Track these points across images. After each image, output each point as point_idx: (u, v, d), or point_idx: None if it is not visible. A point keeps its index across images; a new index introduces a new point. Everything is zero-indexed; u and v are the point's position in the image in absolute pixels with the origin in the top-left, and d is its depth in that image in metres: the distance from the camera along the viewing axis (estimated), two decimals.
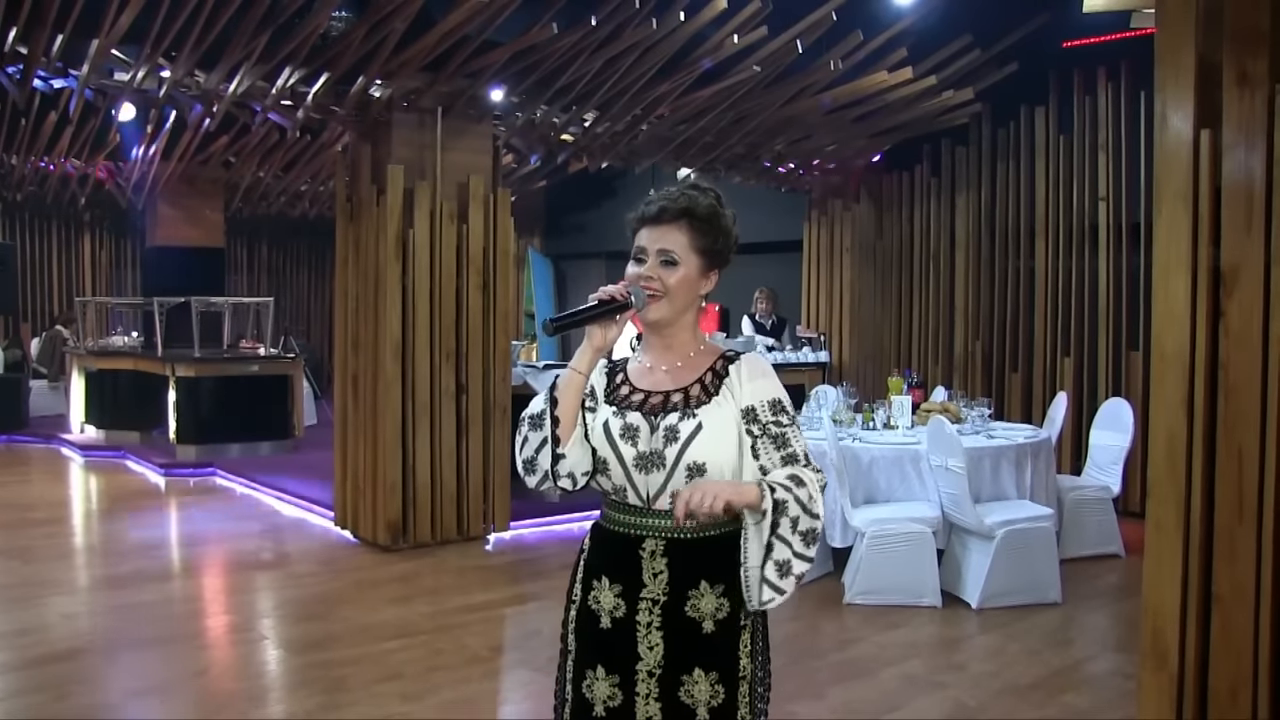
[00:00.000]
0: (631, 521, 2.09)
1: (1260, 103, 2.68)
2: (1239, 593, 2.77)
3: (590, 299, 2.10)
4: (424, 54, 6.37)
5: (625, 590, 2.08)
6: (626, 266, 2.15)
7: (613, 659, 2.07)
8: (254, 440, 10.51)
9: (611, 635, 2.08)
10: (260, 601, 6.02)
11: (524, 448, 2.12)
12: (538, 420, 2.11)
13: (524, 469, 2.13)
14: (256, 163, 11.00)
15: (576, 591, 2.17)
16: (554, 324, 2.08)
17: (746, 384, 2.08)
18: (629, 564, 2.08)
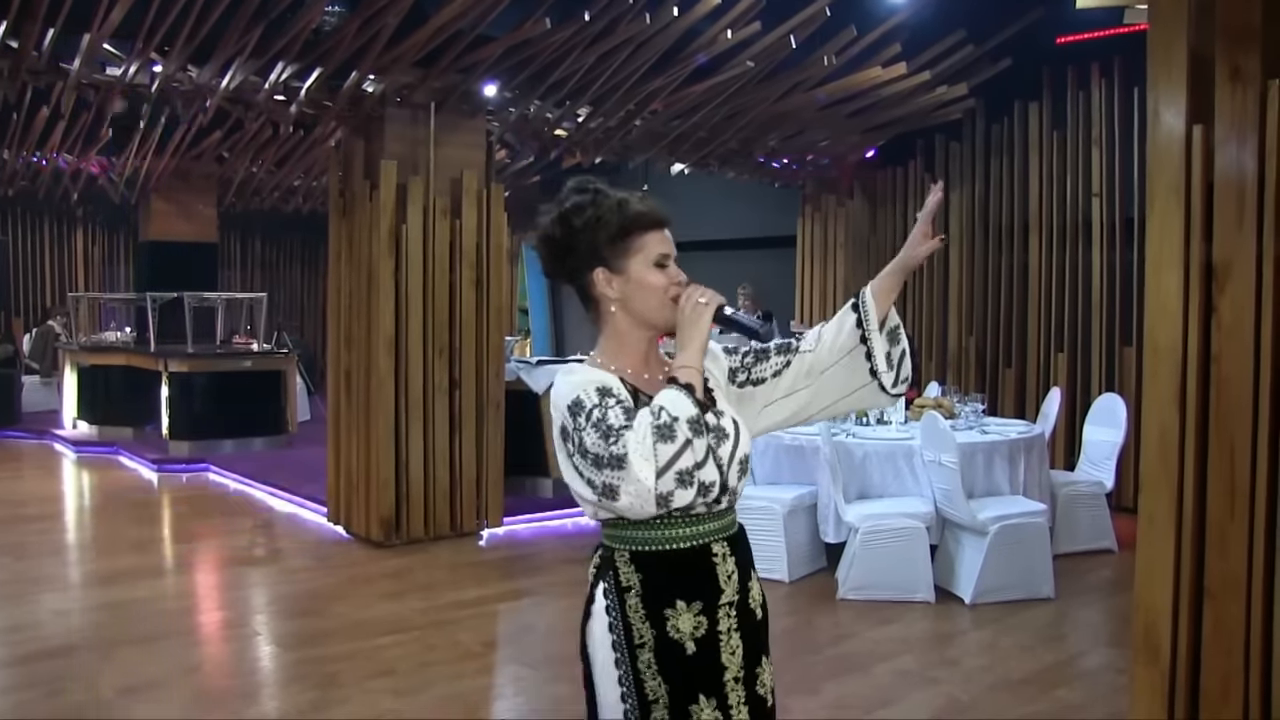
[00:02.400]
0: (699, 531, 1.97)
1: (1252, 98, 2.68)
2: (1231, 587, 2.78)
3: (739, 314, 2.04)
4: (417, 49, 6.35)
5: (705, 606, 1.95)
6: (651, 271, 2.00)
7: (708, 683, 1.95)
8: (247, 436, 10.50)
9: (699, 658, 1.95)
10: (253, 597, 6.01)
11: (683, 456, 1.79)
12: (698, 424, 1.83)
13: (679, 482, 1.79)
14: (250, 158, 10.97)
15: (643, 632, 1.94)
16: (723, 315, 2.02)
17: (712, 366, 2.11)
18: (704, 576, 1.97)
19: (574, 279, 2.05)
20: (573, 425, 1.86)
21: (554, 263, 2.06)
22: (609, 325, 2.04)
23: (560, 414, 1.90)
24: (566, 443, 1.88)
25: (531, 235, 2.12)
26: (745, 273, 11.29)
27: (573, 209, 2.00)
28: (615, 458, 1.78)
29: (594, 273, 2.00)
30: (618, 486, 1.78)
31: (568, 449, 1.88)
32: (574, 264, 2.02)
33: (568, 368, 2.00)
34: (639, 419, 1.80)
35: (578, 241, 2.00)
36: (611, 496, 1.80)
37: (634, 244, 2.00)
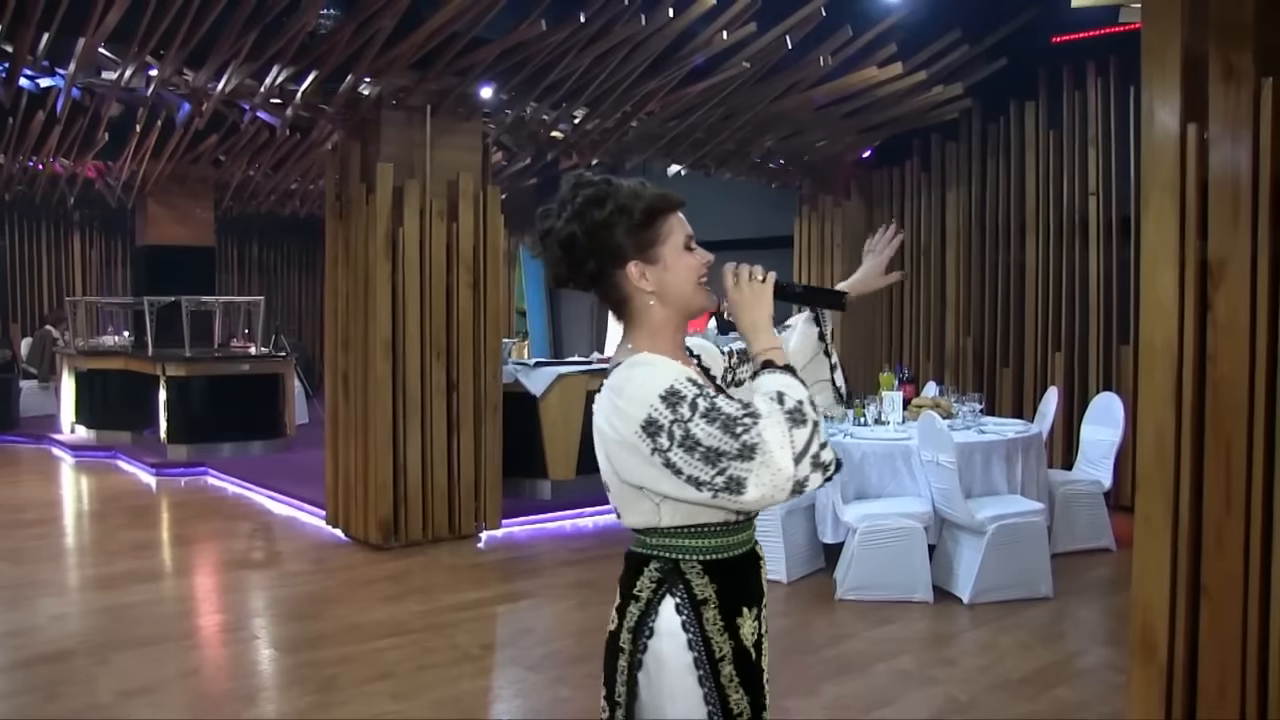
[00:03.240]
0: (748, 536, 1.92)
1: (1246, 96, 2.68)
2: (1227, 585, 2.78)
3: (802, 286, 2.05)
4: (413, 51, 6.35)
5: (757, 610, 1.92)
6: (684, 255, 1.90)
7: (761, 688, 1.92)
8: (245, 439, 10.50)
9: (758, 664, 1.91)
10: (251, 601, 6.01)
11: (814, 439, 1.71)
12: (813, 406, 1.75)
13: (813, 466, 1.70)
14: (246, 161, 10.97)
15: (722, 646, 1.84)
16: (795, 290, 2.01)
17: None
18: (756, 579, 1.94)
19: (597, 280, 1.89)
20: (672, 417, 1.70)
21: (572, 267, 1.88)
22: (644, 320, 1.90)
23: (642, 406, 1.72)
24: (657, 438, 1.70)
25: (535, 242, 1.92)
26: None
27: (590, 201, 1.84)
28: (747, 447, 1.66)
29: (626, 268, 1.86)
30: (745, 478, 1.66)
31: (658, 444, 1.70)
32: (600, 263, 1.86)
33: (637, 358, 1.82)
34: (763, 405, 1.71)
35: (602, 237, 1.84)
36: (736, 490, 1.67)
37: (661, 230, 1.88)
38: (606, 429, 1.79)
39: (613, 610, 1.92)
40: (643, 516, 1.84)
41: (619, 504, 1.87)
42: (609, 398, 1.79)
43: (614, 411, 1.77)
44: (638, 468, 1.75)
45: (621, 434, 1.75)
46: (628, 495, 1.83)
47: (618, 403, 1.76)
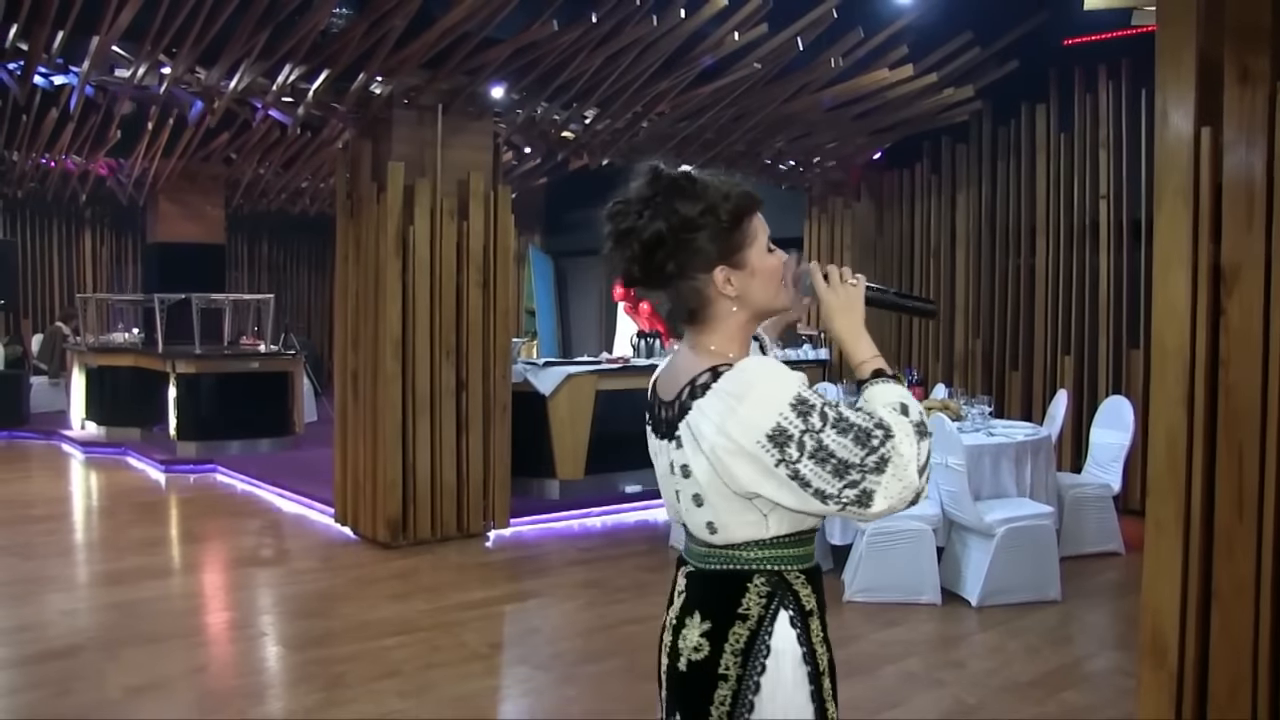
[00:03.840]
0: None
1: (1261, 100, 2.66)
2: (1238, 590, 2.77)
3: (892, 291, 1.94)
4: (424, 51, 6.36)
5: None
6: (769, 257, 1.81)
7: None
8: (254, 437, 10.53)
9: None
10: (260, 598, 6.03)
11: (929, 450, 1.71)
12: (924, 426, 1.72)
13: (927, 479, 1.70)
14: (257, 159, 11.00)
15: (823, 658, 1.79)
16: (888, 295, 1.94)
17: None
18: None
19: (674, 282, 1.76)
20: (803, 427, 1.61)
21: (650, 268, 1.75)
22: (723, 325, 1.79)
23: (770, 415, 1.62)
24: (785, 448, 1.61)
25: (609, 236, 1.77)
26: None
27: (680, 195, 1.72)
28: (882, 460, 1.62)
29: (711, 274, 1.75)
30: (875, 491, 1.62)
31: (786, 455, 1.61)
32: (681, 266, 1.74)
33: (749, 363, 1.69)
34: (890, 417, 1.67)
35: (688, 239, 1.72)
36: (865, 503, 1.63)
37: (748, 233, 1.77)
38: (717, 437, 1.66)
39: (690, 638, 1.76)
40: (748, 529, 1.73)
41: (718, 517, 1.72)
42: (725, 403, 1.65)
43: (731, 418, 1.64)
44: (756, 477, 1.65)
45: (739, 442, 1.64)
46: (734, 507, 1.71)
47: (739, 409, 1.64)
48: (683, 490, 1.76)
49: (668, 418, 1.78)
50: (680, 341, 1.85)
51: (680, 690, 1.77)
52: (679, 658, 1.77)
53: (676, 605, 1.83)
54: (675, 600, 1.84)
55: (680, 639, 1.78)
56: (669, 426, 1.77)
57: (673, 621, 1.82)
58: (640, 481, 8.46)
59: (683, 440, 1.72)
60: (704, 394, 1.69)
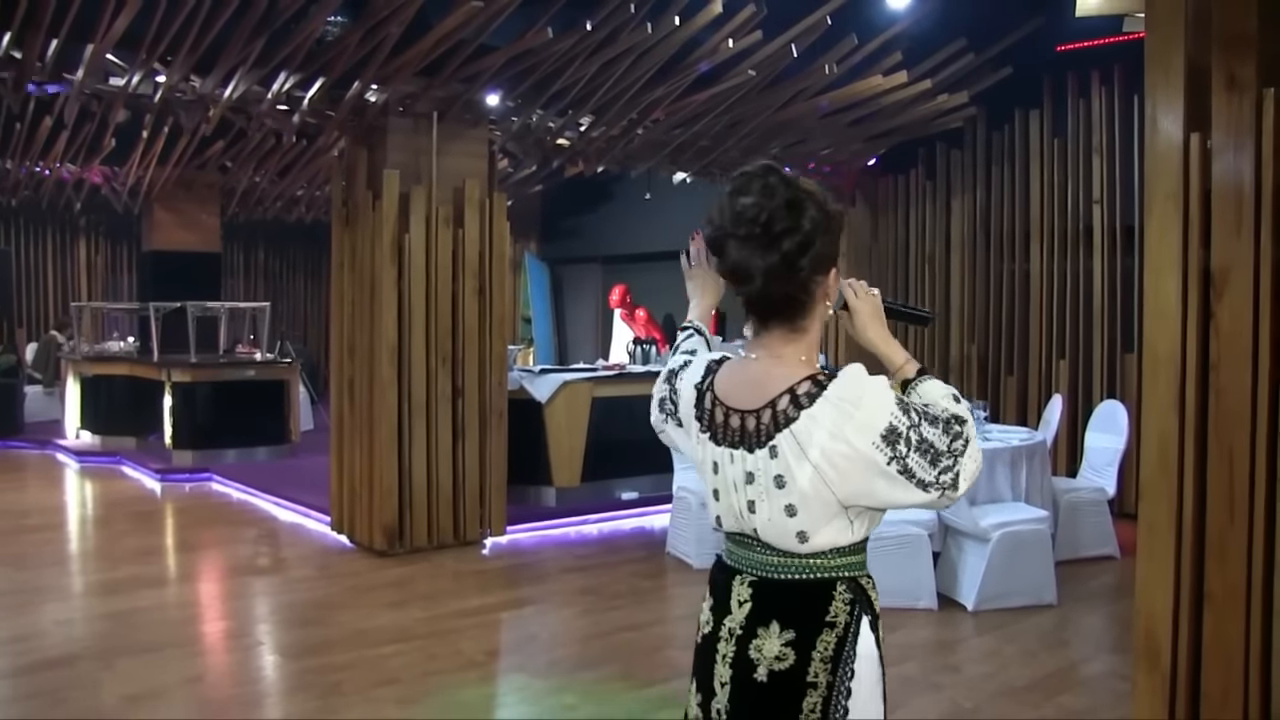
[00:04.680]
0: None
1: (1248, 106, 2.69)
2: (1230, 593, 2.78)
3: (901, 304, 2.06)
4: (419, 58, 6.37)
5: None
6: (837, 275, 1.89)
7: None
8: (250, 445, 10.53)
9: None
10: (256, 607, 6.02)
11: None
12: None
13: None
14: (253, 167, 11.01)
15: (883, 661, 1.85)
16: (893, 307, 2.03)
17: None
18: None
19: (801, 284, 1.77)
20: (908, 423, 1.70)
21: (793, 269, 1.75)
22: (813, 331, 1.83)
23: (884, 416, 1.69)
24: (896, 445, 1.69)
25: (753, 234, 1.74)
26: None
27: (813, 199, 1.76)
28: (963, 444, 1.74)
29: (829, 275, 1.81)
30: (960, 473, 1.73)
31: (897, 451, 1.69)
32: (814, 267, 1.76)
33: (852, 370, 1.74)
34: (955, 407, 1.78)
35: (827, 240, 1.77)
36: (954, 486, 1.73)
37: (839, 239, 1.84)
38: (832, 443, 1.69)
39: (769, 647, 1.77)
40: (834, 535, 1.76)
41: (813, 525, 1.75)
42: (840, 409, 1.69)
43: (848, 423, 1.69)
44: (865, 480, 1.70)
45: (855, 446, 1.69)
46: (830, 513, 1.74)
47: (855, 415, 1.69)
48: (768, 500, 1.76)
49: (754, 427, 1.77)
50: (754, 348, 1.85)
51: (757, 700, 1.78)
52: (755, 668, 1.77)
53: (739, 615, 1.82)
54: (734, 610, 1.83)
55: (753, 649, 1.78)
56: (756, 436, 1.77)
57: (735, 631, 1.81)
58: (636, 488, 8.46)
59: (781, 449, 1.73)
60: (812, 403, 1.71)
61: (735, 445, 1.80)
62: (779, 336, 1.81)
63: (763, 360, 1.82)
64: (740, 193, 1.76)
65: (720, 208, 1.79)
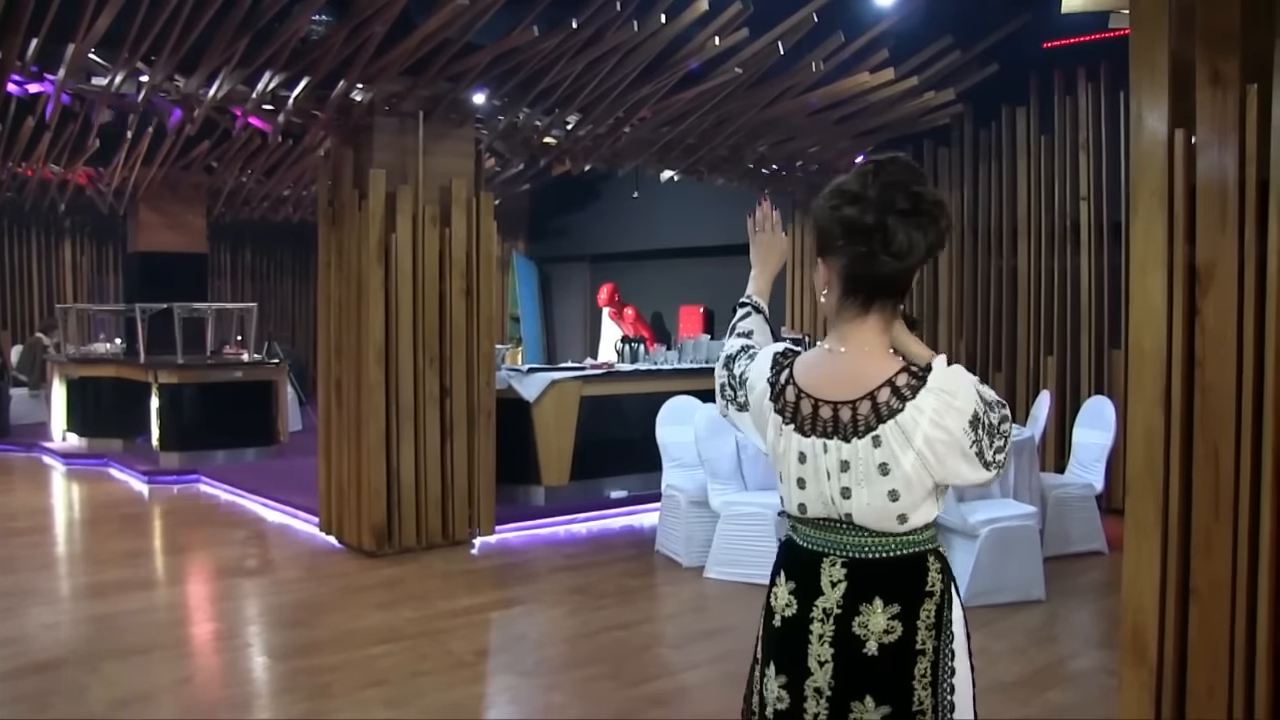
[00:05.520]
0: None
1: (1232, 102, 2.69)
2: (1216, 588, 2.79)
3: None
4: (405, 58, 6.35)
5: None
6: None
7: None
8: (238, 447, 10.49)
9: None
10: (245, 608, 6.00)
11: None
12: None
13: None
14: (238, 168, 10.97)
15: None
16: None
17: None
18: None
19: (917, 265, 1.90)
20: (984, 408, 1.87)
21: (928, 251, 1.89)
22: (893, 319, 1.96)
23: (971, 403, 1.86)
24: (977, 429, 1.86)
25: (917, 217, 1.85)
26: (736, 279, 11.30)
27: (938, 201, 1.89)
28: (1010, 426, 1.93)
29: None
30: (1006, 451, 1.91)
31: (977, 435, 1.86)
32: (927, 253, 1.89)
33: (942, 360, 1.88)
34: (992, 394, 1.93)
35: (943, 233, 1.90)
36: (1005, 465, 1.92)
37: None
38: (935, 431, 1.84)
39: (875, 622, 1.88)
40: (926, 513, 1.90)
41: (911, 507, 1.88)
42: (942, 400, 1.84)
43: (949, 412, 1.84)
44: (956, 463, 1.86)
45: (953, 433, 1.84)
46: (926, 494, 1.88)
47: (954, 403, 1.84)
48: (868, 485, 1.87)
49: (849, 418, 1.87)
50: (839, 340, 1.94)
51: (870, 674, 1.87)
52: (863, 643, 1.87)
53: (834, 595, 1.91)
54: (827, 591, 1.91)
55: (857, 626, 1.88)
56: (853, 426, 1.87)
57: (834, 610, 1.90)
58: (625, 487, 8.46)
59: (885, 438, 1.85)
60: (915, 394, 1.84)
61: (829, 435, 1.89)
62: (874, 326, 1.91)
63: (852, 354, 1.92)
64: (908, 175, 1.86)
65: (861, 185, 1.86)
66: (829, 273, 1.93)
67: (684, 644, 5.30)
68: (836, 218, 1.87)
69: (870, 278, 1.88)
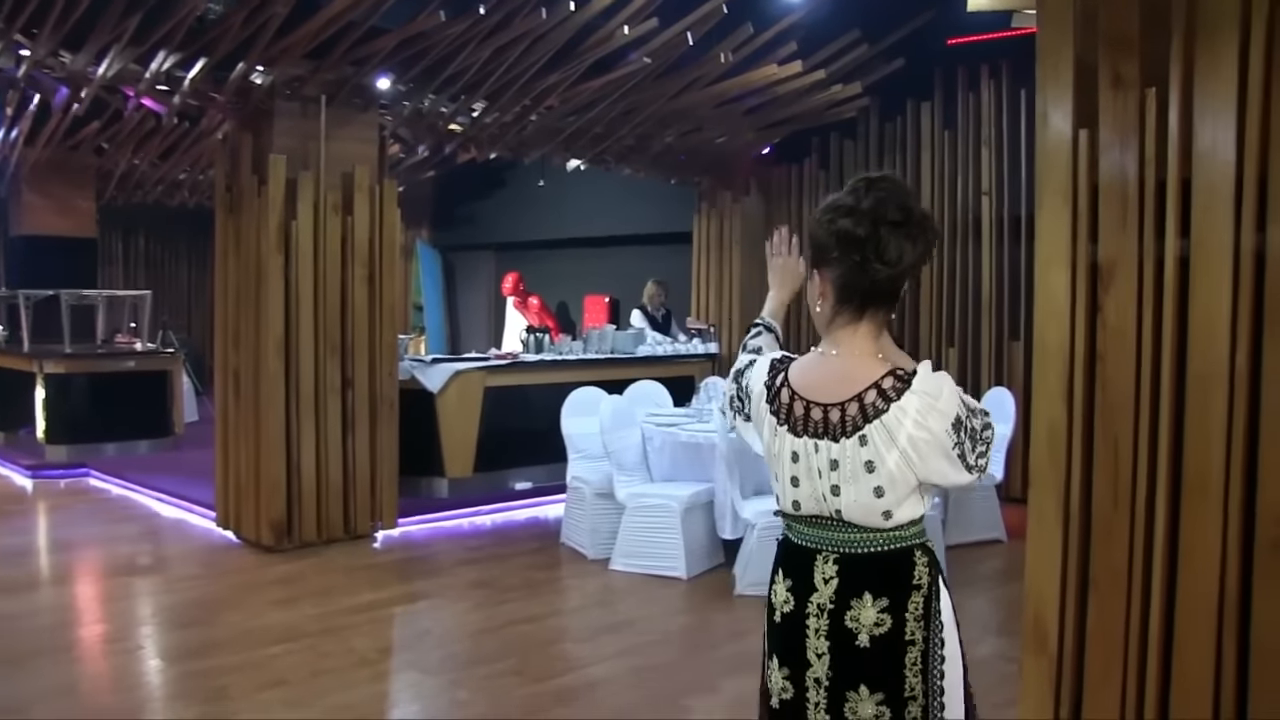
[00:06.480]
0: None
1: (1132, 104, 2.75)
2: (1114, 578, 2.86)
3: None
4: (307, 40, 6.19)
5: None
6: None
7: None
8: (130, 439, 10.15)
9: None
10: (137, 609, 5.79)
11: None
12: None
13: None
14: (131, 150, 10.58)
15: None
16: None
17: None
18: None
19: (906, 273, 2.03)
20: (967, 413, 1.98)
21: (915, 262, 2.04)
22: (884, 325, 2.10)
23: (954, 406, 1.96)
24: (959, 432, 1.96)
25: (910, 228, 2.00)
26: (641, 269, 11.30)
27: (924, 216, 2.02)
28: (991, 433, 2.05)
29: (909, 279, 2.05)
30: (988, 455, 2.03)
31: (959, 438, 1.96)
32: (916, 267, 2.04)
33: (925, 365, 2.01)
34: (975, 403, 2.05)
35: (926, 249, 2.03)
36: (986, 467, 2.04)
37: None
38: (917, 431, 1.94)
39: (865, 615, 1.99)
40: (911, 509, 2.00)
41: (895, 504, 1.98)
42: (924, 401, 1.94)
43: (931, 413, 1.94)
44: (938, 463, 1.96)
45: (935, 433, 1.94)
46: (909, 491, 1.98)
47: (937, 405, 1.95)
48: (855, 484, 1.97)
49: (839, 419, 1.99)
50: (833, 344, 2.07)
51: (862, 665, 1.99)
52: (855, 635, 1.99)
53: (827, 591, 2.02)
54: (820, 587, 2.03)
55: (849, 620, 1.99)
56: (842, 427, 1.98)
57: (827, 605, 2.01)
58: (530, 478, 8.41)
59: (870, 438, 1.96)
60: (900, 396, 1.95)
61: (819, 435, 2.00)
62: (866, 331, 2.05)
63: (844, 357, 2.05)
64: (898, 191, 1.98)
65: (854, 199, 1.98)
66: (824, 284, 2.06)
67: (590, 638, 5.27)
68: (832, 230, 1.99)
69: (863, 285, 2.01)
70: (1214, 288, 2.64)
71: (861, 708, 1.98)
